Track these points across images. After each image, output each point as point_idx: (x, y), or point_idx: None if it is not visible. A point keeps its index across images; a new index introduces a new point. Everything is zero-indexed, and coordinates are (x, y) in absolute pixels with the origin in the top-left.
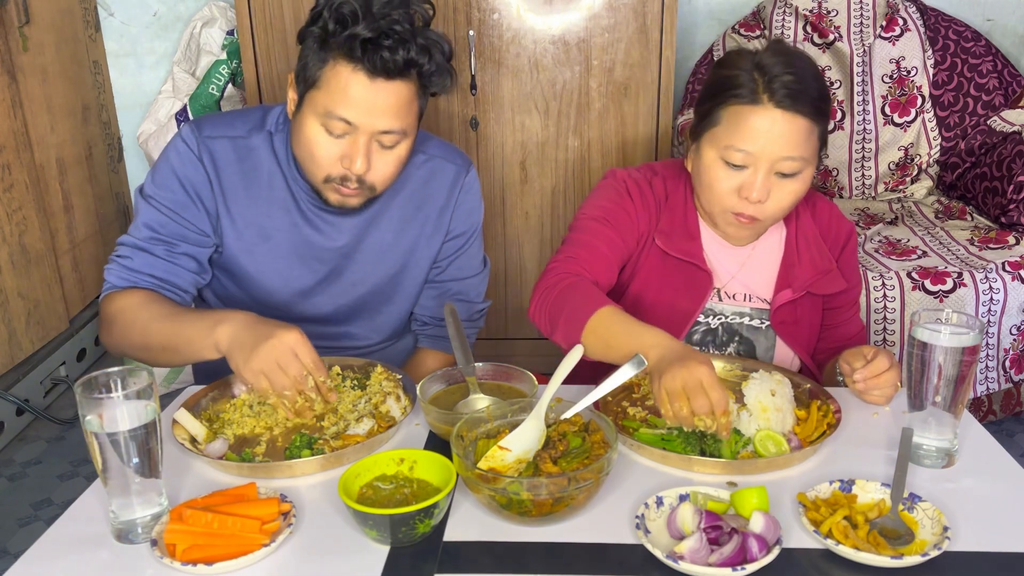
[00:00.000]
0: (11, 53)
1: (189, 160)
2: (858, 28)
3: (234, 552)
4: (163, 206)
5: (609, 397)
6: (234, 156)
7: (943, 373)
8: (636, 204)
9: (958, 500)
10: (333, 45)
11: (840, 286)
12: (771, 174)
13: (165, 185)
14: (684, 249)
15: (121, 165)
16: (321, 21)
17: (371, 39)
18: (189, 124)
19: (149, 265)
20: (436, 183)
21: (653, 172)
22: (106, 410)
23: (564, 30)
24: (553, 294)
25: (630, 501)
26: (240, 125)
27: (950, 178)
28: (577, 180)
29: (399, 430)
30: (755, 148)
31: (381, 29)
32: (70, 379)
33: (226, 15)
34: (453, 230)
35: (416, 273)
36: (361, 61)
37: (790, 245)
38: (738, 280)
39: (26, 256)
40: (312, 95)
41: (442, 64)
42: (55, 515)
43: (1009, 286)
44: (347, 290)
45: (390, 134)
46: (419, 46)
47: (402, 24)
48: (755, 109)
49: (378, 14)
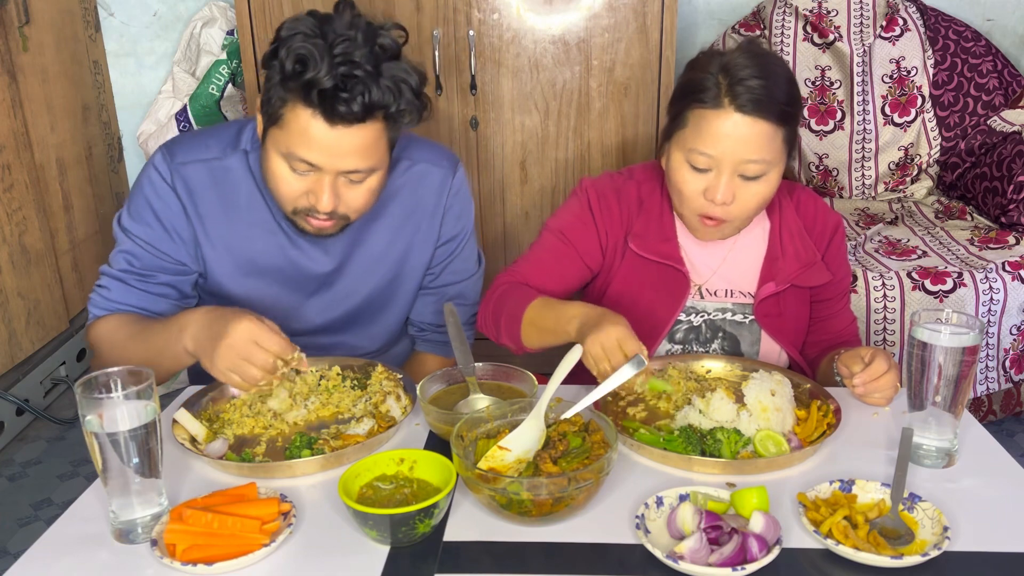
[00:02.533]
0: (11, 53)
1: (163, 191)
2: (858, 28)
3: (234, 552)
4: (139, 239)
5: (609, 397)
6: (210, 180)
7: (943, 373)
8: (597, 218)
9: (958, 500)
10: (291, 87)
11: (825, 278)
12: (735, 176)
13: (140, 218)
14: (659, 251)
15: (121, 165)
16: (278, 59)
17: (329, 88)
18: (161, 150)
19: (126, 295)
20: (423, 189)
21: (628, 177)
22: (106, 410)
23: (564, 30)
24: (492, 303)
25: (630, 501)
26: (214, 145)
27: (950, 178)
28: (577, 180)
29: (399, 430)
30: (717, 152)
31: (341, 76)
32: (70, 379)
33: (226, 15)
34: (444, 235)
35: (409, 281)
36: (319, 107)
37: (774, 238)
38: (720, 276)
39: (26, 256)
40: (274, 132)
41: (411, 101)
42: (55, 515)
43: (1009, 286)
44: (339, 303)
45: (357, 172)
46: (383, 88)
47: (364, 67)
48: (717, 113)
49: (339, 56)
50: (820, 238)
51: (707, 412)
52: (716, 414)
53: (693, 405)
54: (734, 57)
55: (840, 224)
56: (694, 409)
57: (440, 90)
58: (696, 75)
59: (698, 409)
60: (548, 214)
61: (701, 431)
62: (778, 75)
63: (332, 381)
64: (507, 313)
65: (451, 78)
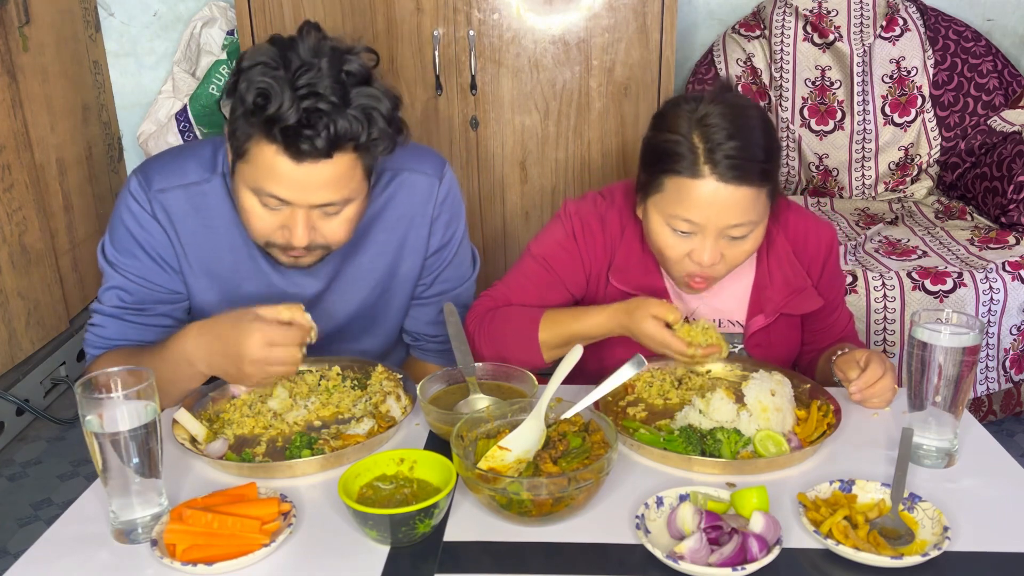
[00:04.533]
0: (11, 53)
1: (144, 220)
2: (858, 28)
3: (234, 552)
4: (129, 273)
5: (609, 397)
6: (189, 207)
7: (943, 373)
8: (581, 246)
9: (958, 500)
10: (255, 122)
11: (815, 304)
12: (720, 239)
13: (126, 251)
14: (642, 284)
15: (121, 165)
16: (238, 92)
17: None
18: (137, 176)
19: (122, 332)
20: (407, 200)
21: (611, 203)
22: (106, 410)
23: (564, 30)
24: (483, 329)
25: (630, 501)
26: (192, 169)
27: (950, 178)
28: (577, 180)
29: (399, 430)
30: (700, 219)
31: (305, 111)
32: (70, 379)
33: (226, 15)
34: (433, 245)
35: (400, 294)
36: (283, 144)
37: (761, 268)
38: (707, 305)
39: (26, 256)
40: (241, 167)
41: (383, 130)
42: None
43: (1009, 286)
44: (327, 319)
45: (331, 205)
46: (350, 118)
47: (328, 99)
48: (695, 183)
49: (302, 88)
50: (813, 261)
51: (707, 412)
52: (716, 414)
53: (693, 405)
54: (708, 115)
55: (834, 239)
56: (694, 409)
57: (440, 90)
58: (669, 138)
59: (698, 409)
60: (548, 214)
61: (701, 431)
62: (754, 129)
63: (332, 381)
64: (512, 334)
65: (451, 78)
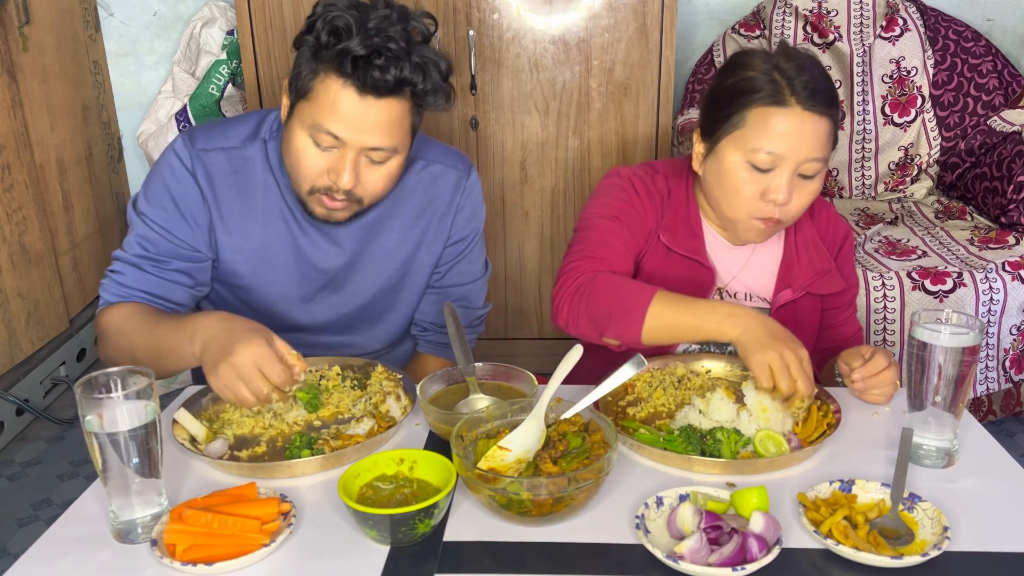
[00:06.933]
0: (11, 53)
1: (182, 176)
2: (858, 28)
3: (234, 552)
4: (155, 223)
5: (609, 397)
6: (229, 168)
7: (943, 373)
8: (643, 200)
9: (958, 500)
10: (325, 57)
11: (839, 286)
12: (795, 176)
13: (157, 202)
14: (688, 246)
15: (121, 165)
16: (315, 31)
17: (363, 56)
18: (183, 136)
19: (141, 281)
20: (436, 189)
21: (655, 170)
22: (106, 410)
23: (564, 30)
24: (586, 295)
25: (630, 501)
26: (235, 135)
27: (950, 178)
28: (577, 180)
29: (399, 430)
30: (783, 149)
31: (374, 47)
32: (70, 379)
33: (226, 15)
34: (454, 235)
35: (417, 280)
36: (351, 77)
37: (789, 246)
38: (739, 280)
39: (26, 256)
40: (302, 106)
41: (438, 83)
42: (55, 515)
43: (1009, 286)
44: (347, 300)
45: (379, 151)
46: (413, 64)
47: (397, 42)
48: (781, 111)
49: (373, 29)
50: (831, 246)
51: (707, 412)
52: (716, 414)
53: (693, 405)
54: (780, 58)
55: (849, 233)
56: (694, 409)
57: None
58: (748, 75)
59: (698, 409)
60: (548, 214)
61: (701, 431)
62: (822, 72)
63: (332, 381)
64: (618, 310)
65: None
